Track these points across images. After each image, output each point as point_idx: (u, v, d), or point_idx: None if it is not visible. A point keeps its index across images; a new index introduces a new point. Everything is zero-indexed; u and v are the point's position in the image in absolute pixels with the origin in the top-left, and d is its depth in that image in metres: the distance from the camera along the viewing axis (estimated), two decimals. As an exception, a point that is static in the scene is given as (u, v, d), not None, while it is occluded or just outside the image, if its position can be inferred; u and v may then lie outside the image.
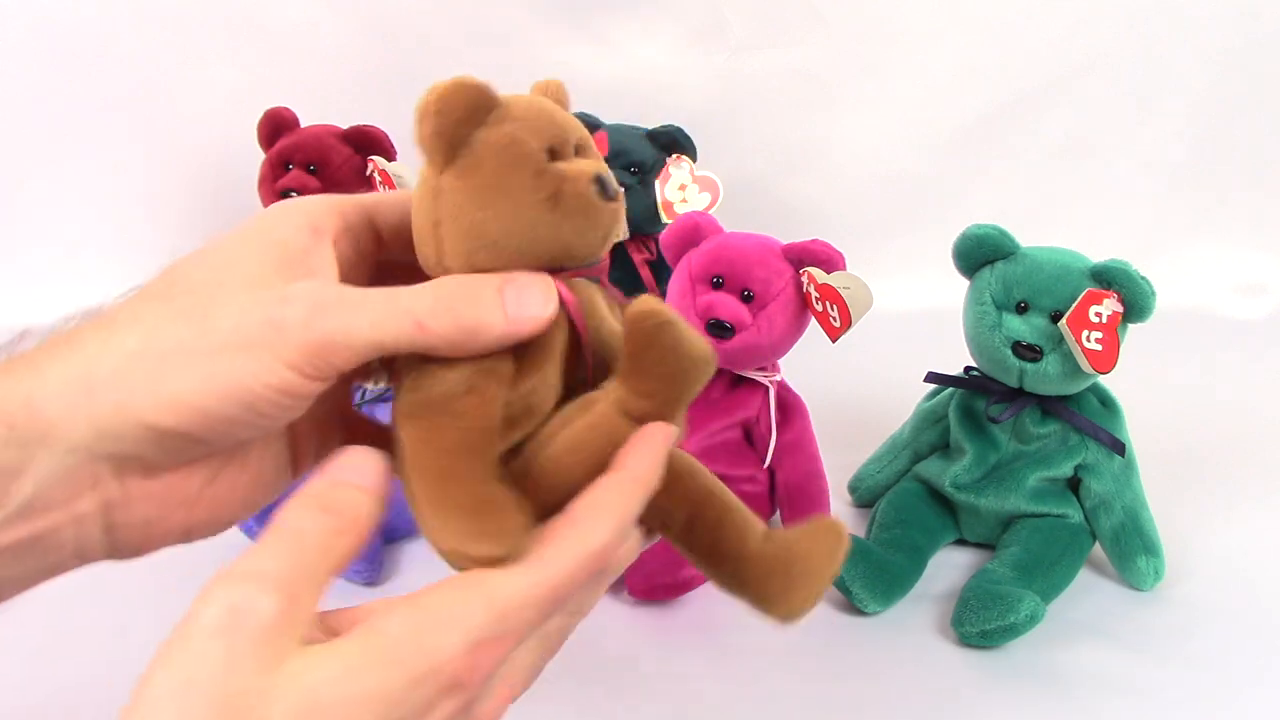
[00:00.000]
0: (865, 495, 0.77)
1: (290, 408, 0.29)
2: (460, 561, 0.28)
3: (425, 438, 0.29)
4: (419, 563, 0.70)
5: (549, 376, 0.31)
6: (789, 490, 0.71)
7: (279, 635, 0.25)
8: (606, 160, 1.05)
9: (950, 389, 0.73)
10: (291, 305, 0.28)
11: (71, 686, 0.54)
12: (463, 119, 0.30)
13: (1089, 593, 0.67)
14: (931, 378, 0.73)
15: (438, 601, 0.27)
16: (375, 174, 0.78)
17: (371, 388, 0.77)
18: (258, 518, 0.66)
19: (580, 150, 0.32)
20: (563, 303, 0.31)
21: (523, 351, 0.31)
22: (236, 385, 0.28)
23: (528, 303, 0.29)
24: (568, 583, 0.28)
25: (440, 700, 0.26)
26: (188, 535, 0.33)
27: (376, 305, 0.29)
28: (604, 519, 0.29)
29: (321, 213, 0.32)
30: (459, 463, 0.29)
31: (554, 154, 0.31)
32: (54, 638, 0.59)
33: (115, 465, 0.29)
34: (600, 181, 0.30)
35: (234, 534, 0.66)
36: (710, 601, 0.66)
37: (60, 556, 0.30)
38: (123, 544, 0.31)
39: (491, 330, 0.29)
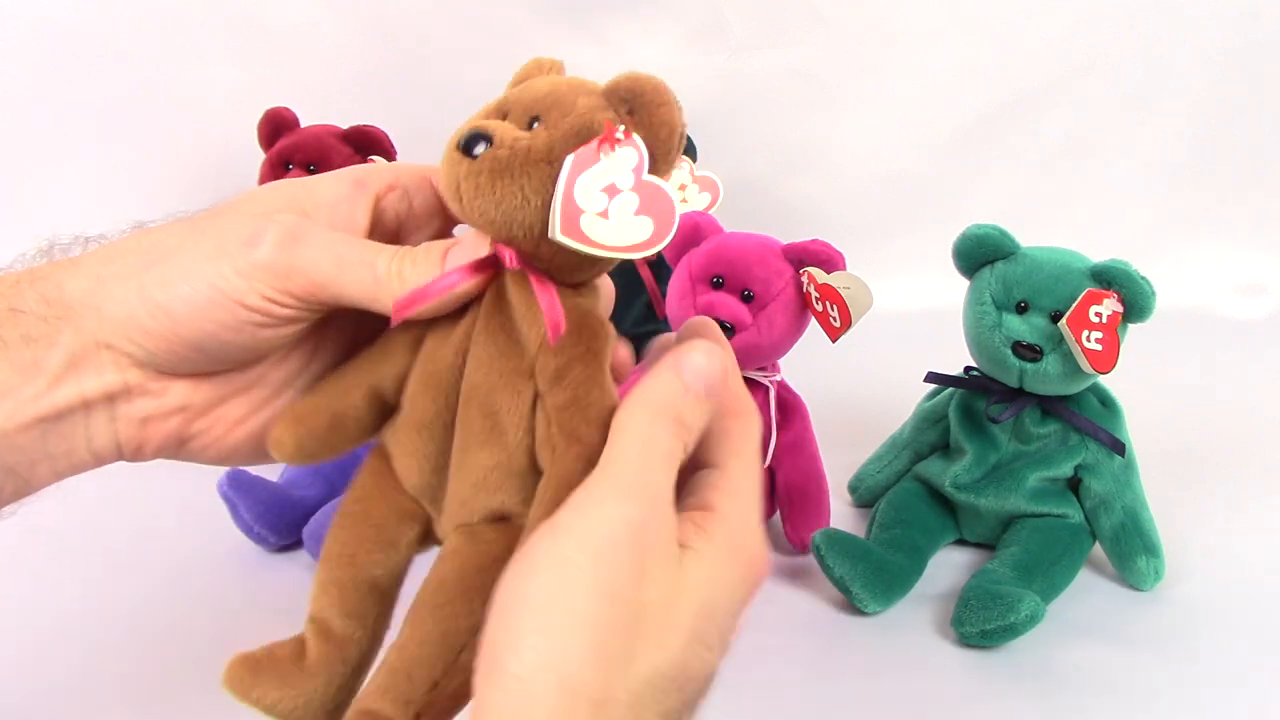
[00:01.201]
0: (865, 495, 0.77)
1: (253, 327, 0.31)
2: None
3: None
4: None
5: (445, 337, 0.32)
6: (789, 490, 0.71)
7: (670, 547, 0.27)
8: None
9: (950, 389, 0.73)
10: (271, 228, 0.30)
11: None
12: (512, 85, 0.32)
13: (1089, 593, 0.67)
14: (931, 378, 0.73)
15: (735, 486, 0.30)
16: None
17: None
18: (257, 516, 0.66)
19: (537, 122, 0.30)
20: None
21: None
22: (195, 290, 0.30)
23: (452, 262, 0.31)
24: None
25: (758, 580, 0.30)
26: (184, 446, 0.34)
27: (347, 250, 0.31)
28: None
29: (372, 172, 0.34)
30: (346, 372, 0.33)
31: (504, 116, 0.31)
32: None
33: (116, 355, 0.31)
34: (464, 136, 0.29)
35: (240, 536, 0.66)
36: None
37: (75, 443, 0.32)
38: (125, 439, 0.33)
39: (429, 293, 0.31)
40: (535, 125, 0.30)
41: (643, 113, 0.29)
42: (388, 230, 0.34)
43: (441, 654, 0.30)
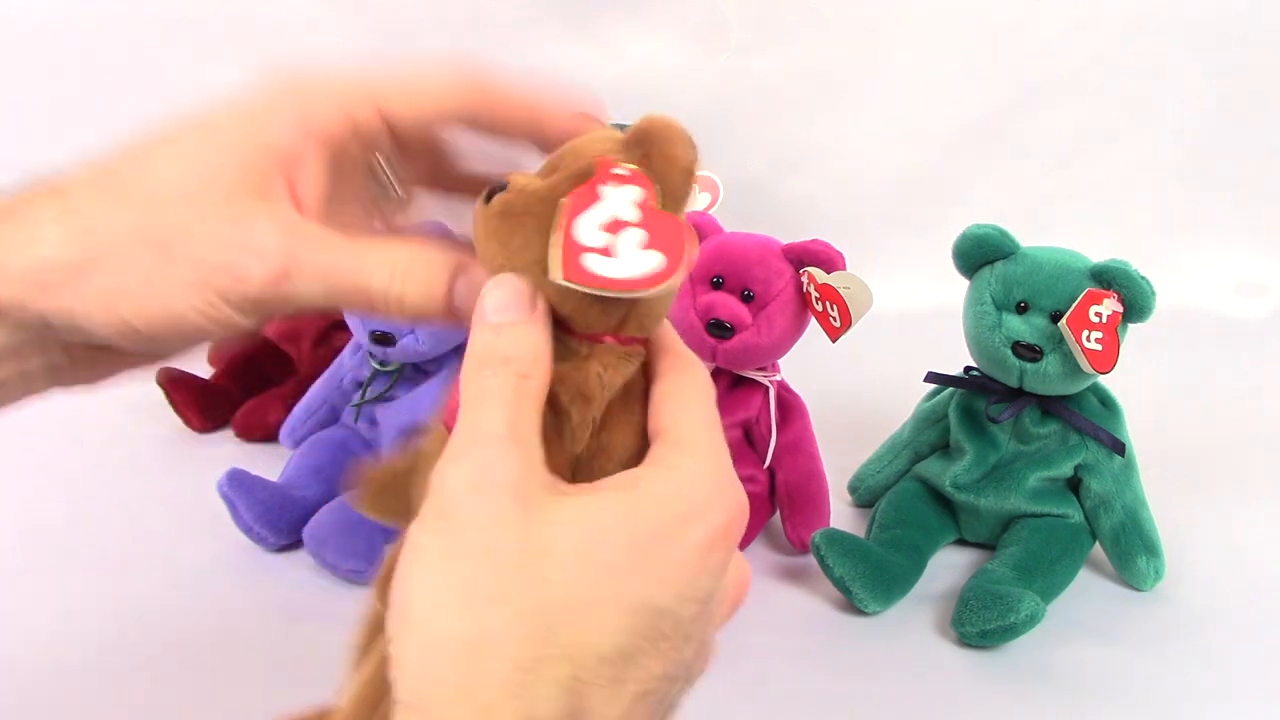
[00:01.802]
0: (865, 495, 0.77)
1: (231, 336, 0.30)
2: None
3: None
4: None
5: None
6: (789, 490, 0.71)
7: (529, 485, 0.26)
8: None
9: (950, 389, 0.73)
10: (258, 258, 0.28)
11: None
12: None
13: (1089, 593, 0.67)
14: (931, 378, 0.73)
15: (675, 468, 0.28)
16: (375, 174, 0.78)
17: (370, 390, 0.77)
18: (257, 516, 0.66)
19: (555, 171, 0.30)
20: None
21: None
22: (182, 319, 0.28)
23: (461, 292, 0.30)
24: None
25: (713, 544, 0.27)
26: (132, 374, 0.34)
27: (341, 275, 0.29)
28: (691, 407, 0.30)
29: (321, 112, 0.30)
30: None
31: (549, 173, 0.30)
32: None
33: (66, 344, 0.30)
34: (489, 188, 0.29)
35: (240, 536, 0.66)
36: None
37: (11, 395, 0.31)
38: (69, 387, 0.32)
39: (429, 315, 0.30)
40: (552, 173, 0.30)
41: (653, 151, 0.29)
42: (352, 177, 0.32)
43: (369, 694, 0.29)
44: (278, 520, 0.66)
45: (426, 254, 0.30)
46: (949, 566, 0.70)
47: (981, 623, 0.59)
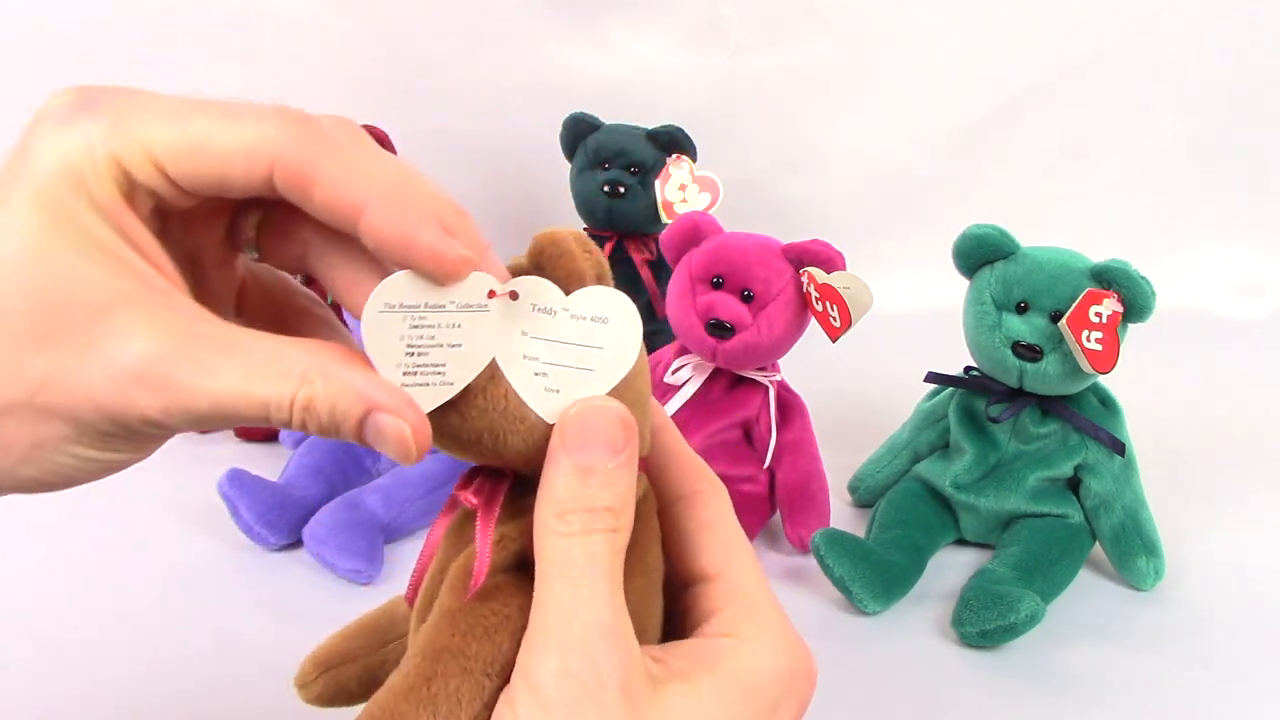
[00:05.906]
0: (865, 495, 0.77)
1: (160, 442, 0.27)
2: None
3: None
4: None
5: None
6: (789, 490, 0.71)
7: (635, 681, 0.25)
8: (608, 160, 1.04)
9: (950, 389, 0.73)
10: (144, 389, 0.24)
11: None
12: None
13: (1089, 593, 0.67)
14: (931, 378, 0.73)
15: (756, 640, 0.28)
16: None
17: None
18: (257, 516, 0.66)
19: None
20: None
21: None
22: (93, 464, 0.25)
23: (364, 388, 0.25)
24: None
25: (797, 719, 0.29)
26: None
27: (229, 390, 0.24)
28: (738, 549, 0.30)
29: (108, 193, 0.26)
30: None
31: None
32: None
33: None
34: None
35: (240, 536, 0.66)
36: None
37: None
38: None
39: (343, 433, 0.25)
40: None
41: (548, 267, 0.27)
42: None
43: None
44: (278, 520, 0.66)
45: (333, 381, 0.24)
46: (949, 566, 0.70)
47: (981, 623, 0.59)
